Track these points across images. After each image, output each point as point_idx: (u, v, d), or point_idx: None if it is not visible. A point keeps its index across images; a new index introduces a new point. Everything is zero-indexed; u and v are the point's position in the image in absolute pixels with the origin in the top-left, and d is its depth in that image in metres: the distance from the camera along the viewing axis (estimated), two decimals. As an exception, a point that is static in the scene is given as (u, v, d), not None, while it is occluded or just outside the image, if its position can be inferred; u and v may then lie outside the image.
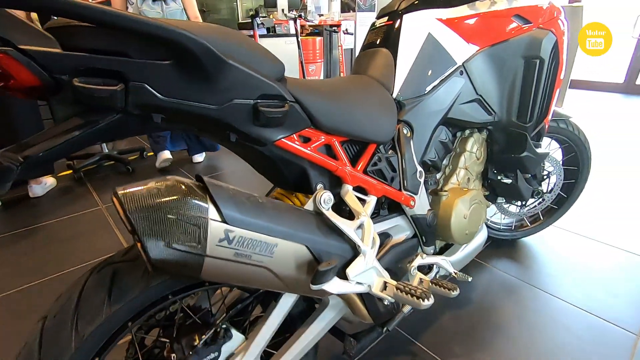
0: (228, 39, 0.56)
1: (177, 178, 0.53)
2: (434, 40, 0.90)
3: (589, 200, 1.95)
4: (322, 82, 0.76)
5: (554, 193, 1.57)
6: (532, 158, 1.06)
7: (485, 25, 0.94)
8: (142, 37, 0.47)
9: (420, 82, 0.90)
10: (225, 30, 0.57)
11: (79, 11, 0.41)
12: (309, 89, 0.68)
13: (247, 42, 0.59)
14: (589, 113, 3.97)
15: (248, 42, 0.59)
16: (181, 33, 0.47)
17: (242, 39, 0.59)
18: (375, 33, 0.96)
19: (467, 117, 0.96)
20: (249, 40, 0.59)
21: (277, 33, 3.88)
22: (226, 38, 0.55)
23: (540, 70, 0.96)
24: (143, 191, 0.49)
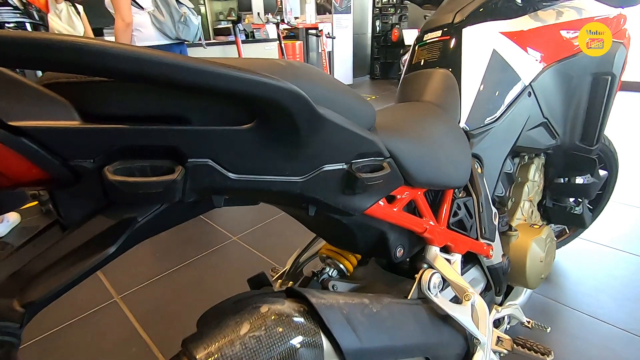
0: (314, 82, 0.39)
1: (273, 306, 0.35)
2: (500, 58, 0.77)
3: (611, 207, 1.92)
4: (399, 118, 0.61)
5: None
6: (596, 183, 0.96)
7: (553, 38, 0.82)
8: (215, 94, 0.30)
9: (489, 107, 0.76)
10: (304, 69, 0.40)
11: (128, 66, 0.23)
12: (395, 133, 0.52)
13: (333, 83, 0.42)
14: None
15: (334, 83, 0.42)
16: (272, 84, 0.30)
17: (328, 80, 0.42)
18: (428, 50, 0.81)
19: (533, 144, 0.84)
20: (333, 81, 0.43)
21: (257, 38, 3.67)
22: (311, 80, 0.39)
23: (611, 87, 0.86)
24: (236, 346, 0.31)
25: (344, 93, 0.42)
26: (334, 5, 5.24)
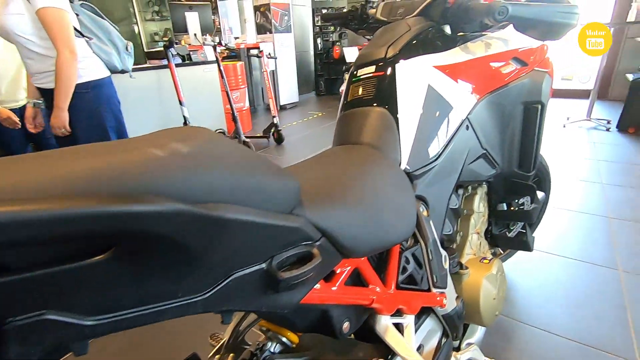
0: (213, 168, 0.30)
1: None
2: (435, 93, 0.74)
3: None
4: (333, 176, 0.54)
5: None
6: (536, 207, 0.97)
7: (485, 70, 0.81)
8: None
9: (430, 145, 0.72)
10: (201, 151, 0.31)
11: None
12: (327, 204, 0.45)
13: (241, 164, 0.33)
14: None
15: (243, 163, 0.34)
16: (128, 213, 0.21)
17: (234, 159, 0.33)
18: (363, 87, 0.77)
19: (476, 176, 0.82)
20: (242, 159, 0.34)
21: (194, 61, 3.50)
22: (209, 167, 0.30)
23: (541, 115, 0.87)
24: None
25: (256, 173, 0.34)
26: (274, 24, 5.23)
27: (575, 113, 4.11)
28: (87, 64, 1.51)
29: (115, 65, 1.68)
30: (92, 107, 1.55)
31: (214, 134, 0.34)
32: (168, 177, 0.25)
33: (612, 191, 2.31)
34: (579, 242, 1.80)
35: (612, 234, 1.85)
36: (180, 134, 0.31)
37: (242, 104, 4.20)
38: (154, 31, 6.33)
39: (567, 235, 1.86)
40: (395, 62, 0.74)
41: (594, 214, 2.05)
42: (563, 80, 5.38)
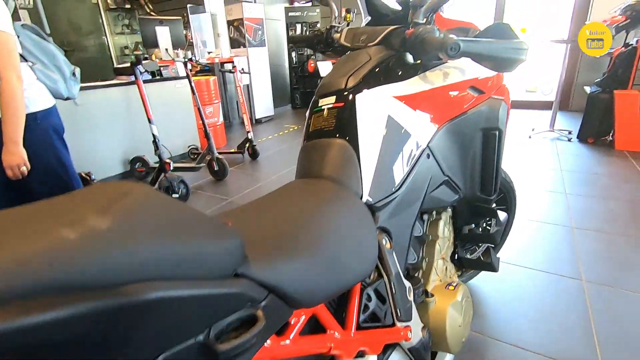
0: (139, 242, 0.28)
1: None
2: (395, 123, 0.75)
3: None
4: (289, 218, 0.52)
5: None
6: (499, 229, 1.00)
7: (444, 99, 0.83)
8: None
9: (392, 175, 0.73)
10: (128, 219, 0.29)
11: None
12: (277, 255, 0.43)
13: (174, 230, 0.31)
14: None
15: (177, 228, 0.32)
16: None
17: (168, 224, 0.31)
18: (324, 118, 0.77)
19: (439, 203, 0.84)
20: (177, 222, 0.32)
21: (164, 77, 3.44)
22: (135, 242, 0.28)
23: (499, 140, 0.90)
24: None
25: (191, 239, 0.32)
26: (248, 39, 5.23)
27: (540, 124, 4.31)
28: (32, 92, 1.36)
29: (61, 92, 1.53)
30: (44, 140, 1.40)
31: (147, 194, 0.32)
32: (78, 265, 0.23)
33: (574, 201, 2.41)
34: (544, 252, 1.86)
35: (575, 243, 1.92)
36: (106, 198, 0.29)
37: (216, 119, 4.14)
38: (124, 44, 6.19)
39: (533, 246, 1.92)
40: (355, 93, 0.74)
41: (558, 224, 2.13)
42: (527, 92, 5.64)
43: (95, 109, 2.97)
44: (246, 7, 5.09)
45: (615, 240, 1.93)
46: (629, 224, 2.09)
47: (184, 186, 2.61)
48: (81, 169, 2.83)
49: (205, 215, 0.35)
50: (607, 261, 1.75)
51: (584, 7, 4.79)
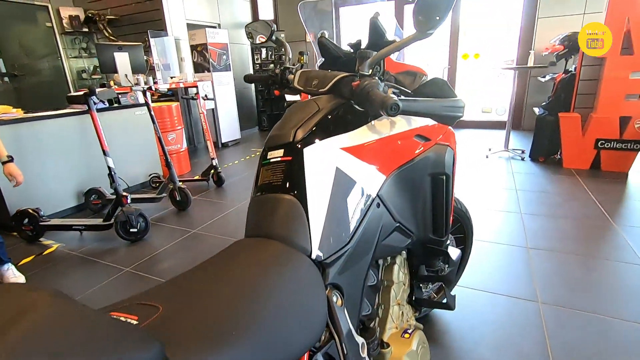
0: None
1: None
2: (344, 175, 0.75)
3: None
4: (221, 298, 0.50)
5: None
6: (453, 270, 1.02)
7: (391, 148, 0.85)
8: None
9: (341, 229, 0.73)
10: (18, 332, 0.26)
11: None
12: (208, 344, 0.41)
13: (80, 336, 0.29)
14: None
15: (83, 333, 0.29)
16: None
17: (70, 332, 0.28)
18: (272, 171, 0.76)
19: (391, 250, 0.84)
20: (83, 328, 0.30)
21: (123, 105, 3.33)
22: None
23: (447, 184, 0.93)
24: None
25: (108, 354, 0.30)
26: (212, 63, 5.21)
27: (496, 143, 4.55)
28: None
29: None
30: None
31: (56, 306, 0.30)
32: None
33: (529, 220, 2.54)
34: (502, 275, 1.92)
35: (531, 264, 2.01)
36: (3, 315, 0.26)
37: (179, 145, 4.04)
38: (81, 68, 5.97)
39: (491, 269, 1.98)
40: (303, 146, 0.74)
41: (514, 244, 2.22)
42: (483, 113, 5.96)
43: (46, 140, 2.81)
44: (210, 32, 5.09)
45: (566, 259, 2.03)
46: (577, 242, 2.21)
47: (142, 220, 2.50)
48: (29, 204, 2.64)
49: (124, 323, 0.33)
50: (560, 281, 1.84)
51: (529, 37, 5.20)
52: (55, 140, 2.86)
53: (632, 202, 2.79)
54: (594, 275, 1.87)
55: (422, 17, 0.67)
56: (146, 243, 2.50)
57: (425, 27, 0.68)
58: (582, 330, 1.50)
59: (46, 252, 2.45)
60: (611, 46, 3.21)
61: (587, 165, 3.55)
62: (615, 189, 3.05)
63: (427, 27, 0.68)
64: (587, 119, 3.50)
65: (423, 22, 0.67)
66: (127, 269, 2.17)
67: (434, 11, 0.66)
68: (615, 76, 3.26)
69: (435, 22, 0.66)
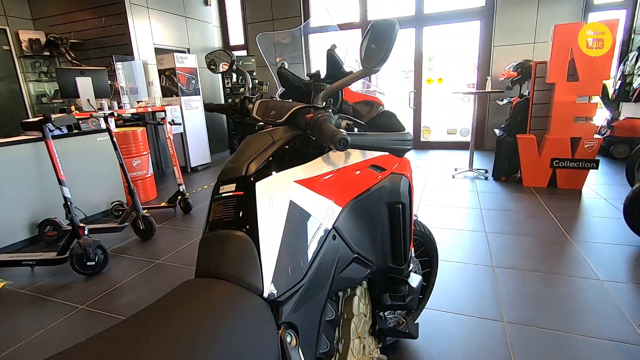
0: None
1: None
2: (298, 209, 0.74)
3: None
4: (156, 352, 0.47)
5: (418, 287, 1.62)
6: (414, 298, 1.02)
7: (347, 179, 0.85)
8: None
9: (295, 265, 0.71)
10: None
11: None
12: None
13: None
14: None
15: None
16: None
17: None
18: (224, 206, 0.73)
19: (349, 282, 0.83)
20: None
21: (84, 131, 3.20)
22: None
23: (403, 213, 0.94)
24: None
25: None
26: (181, 87, 5.16)
27: (461, 163, 4.73)
28: None
29: None
30: None
31: None
32: None
33: (493, 239, 2.61)
34: (468, 295, 1.95)
35: (496, 283, 2.05)
36: None
37: (145, 171, 3.91)
38: (42, 92, 5.74)
39: (458, 289, 2.01)
40: (255, 180, 0.73)
41: (479, 264, 2.27)
42: (449, 134, 6.22)
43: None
44: (178, 57, 5.06)
45: (529, 276, 2.10)
46: (538, 259, 2.29)
47: (101, 251, 2.36)
48: (-27, 239, 2.44)
49: None
50: (524, 299, 1.88)
51: (486, 63, 5.54)
52: (7, 169, 2.69)
53: (586, 217, 2.95)
54: (555, 292, 1.93)
55: (368, 54, 0.70)
56: (105, 277, 2.36)
57: (371, 64, 0.71)
58: (545, 348, 1.53)
59: (-9, 291, 2.25)
60: (558, 73, 3.47)
61: (545, 184, 3.75)
62: (571, 205, 3.22)
63: (373, 64, 0.70)
64: (542, 140, 3.72)
65: (369, 59, 0.70)
66: (82, 307, 2.02)
67: (379, 49, 0.69)
68: (564, 100, 3.51)
69: (380, 59, 0.69)
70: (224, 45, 7.08)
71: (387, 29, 0.67)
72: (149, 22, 5.22)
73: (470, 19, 5.60)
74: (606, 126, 4.81)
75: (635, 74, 4.32)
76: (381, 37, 0.68)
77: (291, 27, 6.54)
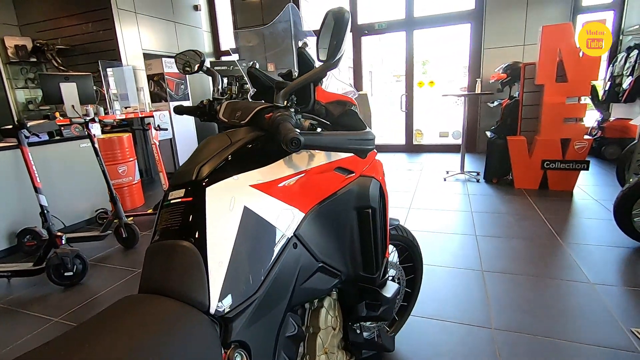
0: None
1: None
2: (253, 215, 0.68)
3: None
4: None
5: (401, 293, 1.57)
6: (389, 307, 0.96)
7: (310, 183, 0.80)
8: None
9: (247, 277, 0.65)
10: None
11: None
12: None
13: None
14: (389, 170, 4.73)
15: None
16: None
17: None
18: (171, 215, 0.68)
19: (314, 293, 0.77)
20: None
21: (66, 137, 3.13)
22: None
23: (374, 218, 0.88)
24: None
25: None
26: (169, 93, 5.10)
27: (453, 166, 4.69)
28: None
29: None
30: None
31: None
32: None
33: (483, 243, 2.56)
34: (456, 301, 1.89)
35: (485, 288, 1.99)
36: None
37: (131, 178, 3.84)
38: (29, 99, 5.66)
39: (447, 295, 1.95)
40: (207, 185, 0.67)
41: (469, 268, 2.22)
42: (441, 137, 6.19)
43: (-29, 177, 2.56)
44: (166, 62, 5.01)
45: (519, 281, 2.04)
46: (529, 262, 2.24)
47: (80, 261, 2.28)
48: (-53, 250, 2.36)
49: None
50: (513, 304, 1.83)
51: (477, 66, 5.53)
52: (-17, 177, 2.61)
53: (578, 219, 2.91)
54: (545, 296, 1.88)
55: (323, 47, 0.65)
56: (83, 287, 2.28)
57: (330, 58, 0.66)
58: (534, 355, 1.47)
59: (-37, 304, 2.16)
60: (547, 74, 3.46)
61: (536, 186, 3.71)
62: (562, 207, 3.18)
63: (332, 57, 0.66)
64: (533, 142, 3.69)
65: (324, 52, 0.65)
66: (56, 319, 1.94)
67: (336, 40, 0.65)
68: (553, 102, 3.49)
69: (335, 50, 0.64)
70: (214, 50, 7.04)
71: (341, 18, 0.63)
72: (137, 27, 5.17)
73: (461, 22, 5.60)
74: (597, 127, 4.80)
75: (624, 75, 4.33)
76: (337, 27, 0.64)
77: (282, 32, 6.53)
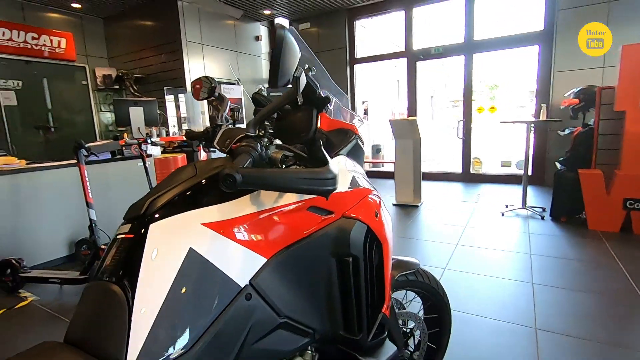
0: None
1: None
2: (199, 259, 0.60)
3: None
4: None
5: (422, 350, 1.35)
6: None
7: (276, 223, 0.70)
8: None
9: (178, 331, 0.56)
10: None
11: None
12: None
13: None
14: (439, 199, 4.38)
15: None
16: None
17: None
18: (112, 253, 0.62)
19: (272, 354, 0.66)
20: None
21: (126, 156, 3.43)
22: None
23: (356, 269, 0.75)
24: None
25: None
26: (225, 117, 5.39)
27: (514, 200, 4.20)
28: None
29: None
30: None
31: None
32: None
33: (541, 293, 2.18)
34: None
35: (538, 352, 1.66)
36: None
37: (181, 196, 4.05)
38: (109, 121, 6.41)
39: (484, 354, 1.66)
40: (151, 222, 0.61)
41: (519, 324, 1.88)
42: (503, 167, 5.67)
43: (43, 189, 2.88)
44: (225, 87, 5.34)
45: (583, 347, 1.68)
46: (599, 324, 1.84)
47: (118, 275, 2.40)
48: (16, 254, 2.64)
49: None
50: (571, 378, 1.49)
51: (545, 90, 5.03)
52: (51, 190, 2.93)
53: (671, 274, 2.37)
54: (617, 373, 1.50)
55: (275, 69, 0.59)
56: (118, 300, 2.38)
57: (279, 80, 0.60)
58: None
59: (18, 305, 2.37)
60: (629, 99, 2.98)
61: (617, 228, 3.15)
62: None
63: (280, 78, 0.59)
64: (612, 177, 3.17)
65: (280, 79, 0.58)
66: (86, 330, 2.03)
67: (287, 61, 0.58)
68: (638, 131, 2.98)
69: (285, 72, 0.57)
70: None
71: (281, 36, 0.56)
72: (202, 57, 5.63)
73: (527, 44, 5.19)
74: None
75: None
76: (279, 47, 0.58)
77: (335, 59, 6.61)
